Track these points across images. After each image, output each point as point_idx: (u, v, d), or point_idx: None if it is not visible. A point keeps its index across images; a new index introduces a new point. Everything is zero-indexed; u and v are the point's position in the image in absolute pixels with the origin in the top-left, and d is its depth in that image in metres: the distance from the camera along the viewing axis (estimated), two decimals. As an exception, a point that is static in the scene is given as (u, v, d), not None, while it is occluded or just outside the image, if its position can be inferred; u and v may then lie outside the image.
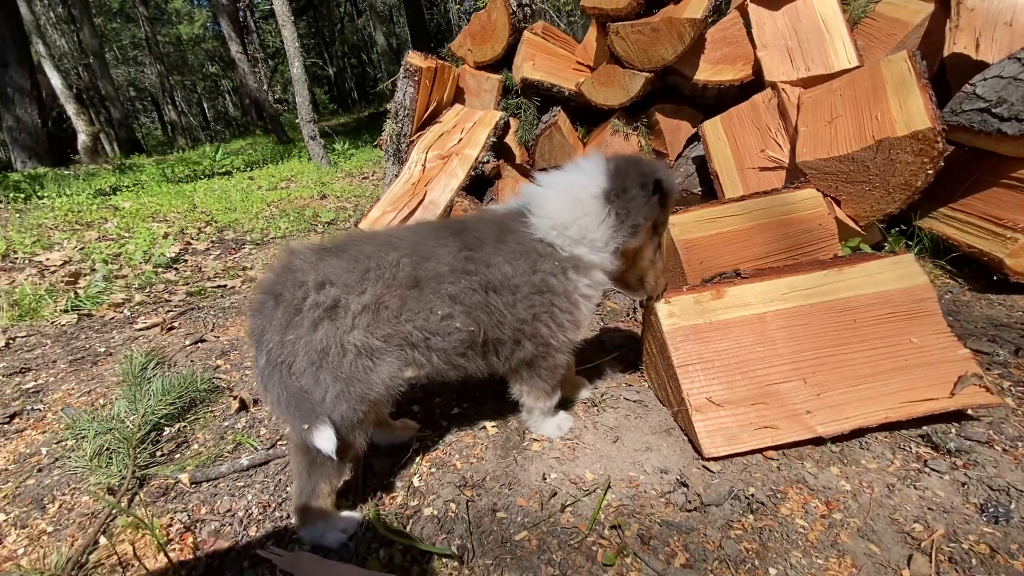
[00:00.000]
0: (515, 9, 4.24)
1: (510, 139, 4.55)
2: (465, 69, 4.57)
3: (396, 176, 4.42)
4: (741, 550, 1.12)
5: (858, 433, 1.41)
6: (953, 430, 1.42)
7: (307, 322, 1.13)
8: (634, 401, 1.70)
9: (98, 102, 19.56)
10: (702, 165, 3.72)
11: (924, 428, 1.42)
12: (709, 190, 3.56)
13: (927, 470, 1.29)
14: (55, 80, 14.10)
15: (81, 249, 4.71)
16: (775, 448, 1.39)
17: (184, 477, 1.47)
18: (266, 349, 1.14)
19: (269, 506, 1.35)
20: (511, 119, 4.38)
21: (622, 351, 2.09)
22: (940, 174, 2.48)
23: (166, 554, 1.19)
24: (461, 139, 4.26)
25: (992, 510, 1.18)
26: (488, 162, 4.16)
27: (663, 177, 1.42)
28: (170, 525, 1.31)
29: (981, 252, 2.40)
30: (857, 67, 3.21)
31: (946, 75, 2.93)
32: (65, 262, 4.34)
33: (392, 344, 1.21)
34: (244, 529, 1.28)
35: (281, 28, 9.79)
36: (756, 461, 1.38)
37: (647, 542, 1.16)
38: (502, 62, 4.58)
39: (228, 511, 1.34)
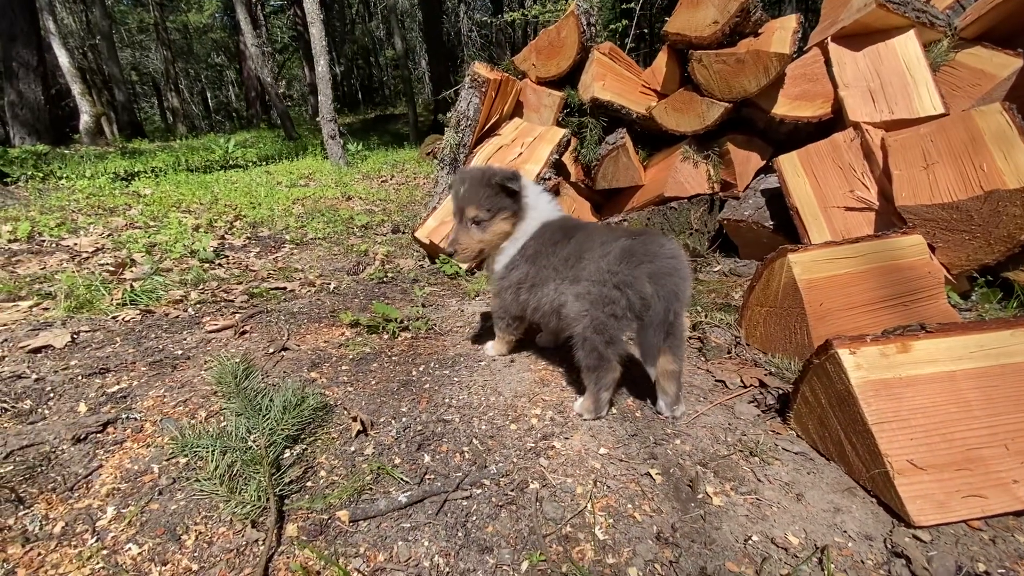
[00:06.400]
0: (585, 28, 4.21)
1: (565, 157, 4.50)
2: (527, 83, 4.52)
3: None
4: (1006, 640, 1.03)
5: (1065, 507, 1.34)
6: None
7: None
8: (796, 453, 1.61)
9: (101, 84, 19.12)
10: (771, 198, 3.70)
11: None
12: (780, 224, 3.53)
13: None
14: (63, 59, 13.75)
15: (109, 236, 4.50)
16: (984, 519, 1.31)
17: (342, 514, 1.33)
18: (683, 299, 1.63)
19: (449, 555, 1.22)
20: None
21: (747, 390, 2.01)
22: (1042, 227, 2.47)
23: (357, 610, 1.05)
24: (521, 153, 4.19)
25: None
26: (549, 179, 4.09)
27: None
28: (346, 574, 1.17)
29: (1090, 312, 2.38)
30: (943, 114, 3.22)
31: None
32: (97, 249, 4.14)
33: None
34: (437, 584, 1.15)
35: (309, 25, 9.71)
36: (965, 532, 1.30)
37: (897, 624, 1.06)
38: (564, 79, 4.54)
39: (409, 559, 1.20)
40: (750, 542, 1.27)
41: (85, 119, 14.03)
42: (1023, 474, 1.35)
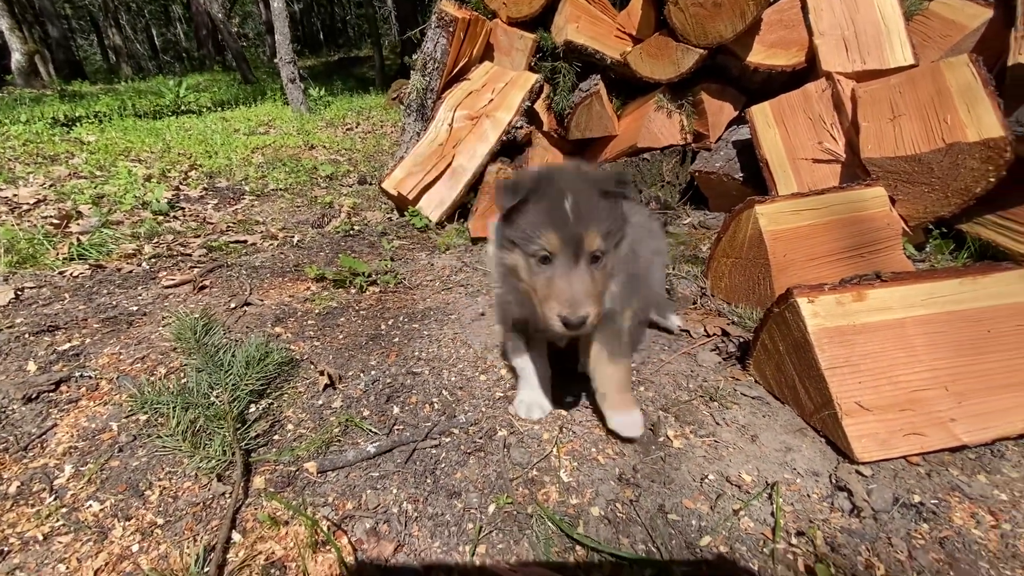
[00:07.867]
0: (558, -36, 3.98)
1: (538, 105, 4.35)
2: (498, 24, 4.30)
3: (419, 134, 4.17)
4: (932, 561, 1.12)
5: (995, 442, 1.44)
6: (1073, 441, 1.47)
7: None
8: (753, 398, 1.67)
9: (32, 18, 17.37)
10: (743, 150, 3.69)
11: (1046, 438, 1.47)
12: (750, 176, 3.54)
13: (1068, 481, 1.34)
14: (-16, -14, 12.37)
15: (51, 186, 4.22)
16: (922, 455, 1.41)
17: (310, 465, 1.33)
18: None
19: (418, 501, 1.25)
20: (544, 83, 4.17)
21: (710, 339, 2.07)
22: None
23: (339, 553, 1.07)
24: (492, 100, 4.04)
25: None
26: (521, 127, 3.97)
27: None
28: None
29: (1035, 262, 2.50)
30: (912, 65, 3.22)
31: (1004, 83, 2.97)
32: (38, 200, 3.88)
33: None
34: (406, 529, 1.17)
35: (262, -46, 8.91)
36: (903, 467, 1.39)
37: (836, 550, 1.14)
38: (536, 20, 4.32)
39: (378, 506, 1.22)
40: (706, 481, 1.33)
41: (17, 57, 12.84)
42: (960, 413, 1.44)
